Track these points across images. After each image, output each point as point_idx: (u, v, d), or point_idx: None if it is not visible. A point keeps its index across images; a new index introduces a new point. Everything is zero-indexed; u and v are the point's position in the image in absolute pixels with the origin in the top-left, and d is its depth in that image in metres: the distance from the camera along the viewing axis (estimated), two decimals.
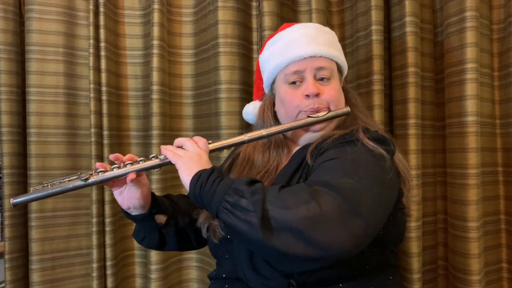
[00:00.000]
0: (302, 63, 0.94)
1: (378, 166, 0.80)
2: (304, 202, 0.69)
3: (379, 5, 1.47)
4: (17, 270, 1.58)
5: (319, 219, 0.68)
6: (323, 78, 0.95)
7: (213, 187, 0.76)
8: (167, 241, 1.04)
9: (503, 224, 1.54)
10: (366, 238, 0.73)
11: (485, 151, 1.48)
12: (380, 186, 0.78)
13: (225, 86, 1.51)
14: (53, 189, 0.86)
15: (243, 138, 0.92)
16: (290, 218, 0.68)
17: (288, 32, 1.00)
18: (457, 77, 1.43)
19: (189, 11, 1.67)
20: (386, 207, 0.80)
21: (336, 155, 0.82)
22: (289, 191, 0.74)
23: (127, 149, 1.66)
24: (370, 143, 0.83)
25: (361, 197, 0.72)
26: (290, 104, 0.95)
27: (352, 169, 0.77)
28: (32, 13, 1.56)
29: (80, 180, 0.86)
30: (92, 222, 1.54)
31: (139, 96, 1.67)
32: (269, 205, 0.70)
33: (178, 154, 0.85)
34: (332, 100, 0.94)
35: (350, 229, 0.69)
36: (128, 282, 1.67)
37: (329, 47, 0.97)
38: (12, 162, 1.56)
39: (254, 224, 0.69)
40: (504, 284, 1.54)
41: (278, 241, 0.68)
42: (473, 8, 1.39)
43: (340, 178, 0.74)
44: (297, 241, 0.68)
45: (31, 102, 1.57)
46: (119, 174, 0.88)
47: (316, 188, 0.72)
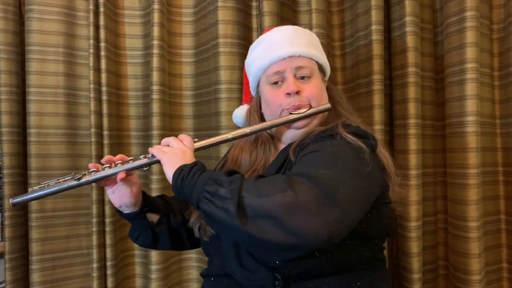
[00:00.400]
0: (282, 64, 0.97)
1: (357, 159, 0.82)
2: (280, 190, 0.71)
3: (379, 5, 1.47)
4: (17, 270, 1.58)
5: (294, 206, 0.69)
6: (303, 77, 0.98)
7: (193, 178, 0.79)
8: (160, 239, 1.06)
9: (503, 224, 1.54)
10: (343, 228, 0.73)
11: (485, 151, 1.48)
12: (358, 178, 0.80)
13: (225, 86, 1.51)
14: (49, 189, 0.90)
15: (228, 136, 0.95)
16: (265, 205, 0.70)
17: (268, 35, 1.04)
18: (457, 77, 1.43)
19: (189, 11, 1.67)
20: (366, 199, 0.81)
21: (316, 148, 0.84)
22: (266, 180, 0.76)
23: (127, 149, 1.66)
24: (349, 137, 0.86)
25: (338, 187, 0.74)
26: (273, 103, 0.98)
27: (331, 161, 0.79)
28: (32, 13, 1.56)
29: (73, 180, 0.90)
30: (92, 222, 1.54)
31: (139, 96, 1.67)
32: (245, 193, 0.72)
33: (163, 151, 0.89)
34: (313, 97, 0.97)
35: (325, 217, 0.70)
36: (128, 282, 1.67)
37: (307, 47, 1.00)
38: (12, 162, 1.56)
39: (230, 211, 0.71)
40: (504, 284, 1.54)
41: (253, 228, 0.70)
42: (473, 8, 1.39)
43: (318, 169, 0.76)
44: (273, 227, 0.69)
45: (31, 102, 1.57)
46: (110, 173, 0.92)
47: (293, 178, 0.74)
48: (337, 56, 1.65)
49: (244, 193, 0.72)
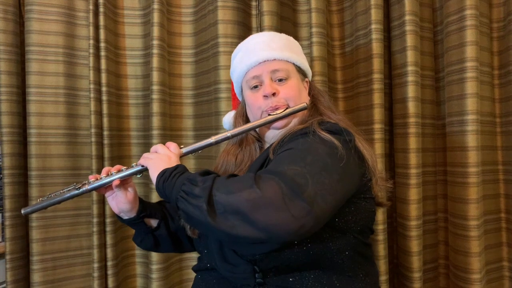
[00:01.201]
0: (259, 68, 1.02)
1: (328, 154, 0.83)
2: (247, 187, 0.74)
3: (379, 4, 1.47)
4: (18, 271, 1.58)
5: (260, 202, 0.72)
6: (281, 79, 1.01)
7: (173, 180, 0.84)
8: (161, 243, 1.11)
9: (503, 222, 1.54)
10: (311, 220, 0.74)
11: (485, 150, 1.48)
12: (329, 173, 0.80)
13: (225, 85, 1.52)
14: (55, 199, 1.01)
15: (211, 140, 0.99)
16: (233, 201, 0.74)
17: (245, 42, 1.09)
18: (457, 76, 1.43)
19: (189, 11, 1.67)
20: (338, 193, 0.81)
21: (289, 146, 0.87)
22: (236, 178, 0.80)
23: (127, 149, 1.66)
24: (322, 133, 0.88)
25: (305, 182, 0.76)
26: (253, 106, 1.03)
27: (300, 156, 0.82)
28: (32, 14, 1.56)
29: (75, 189, 1.00)
30: (93, 222, 1.55)
31: (139, 96, 1.67)
32: (215, 191, 0.76)
33: (149, 158, 0.95)
34: (289, 98, 1.01)
35: (291, 210, 0.72)
36: (129, 282, 1.67)
37: (282, 50, 1.03)
38: (12, 162, 1.56)
39: (202, 209, 0.75)
40: (505, 282, 1.54)
41: (224, 224, 0.74)
42: (472, 6, 1.39)
43: (287, 165, 0.79)
44: (241, 223, 0.73)
45: (31, 103, 1.57)
46: (105, 182, 0.99)
47: (261, 176, 0.77)
48: (336, 55, 1.65)
49: (214, 191, 0.76)
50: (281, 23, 1.55)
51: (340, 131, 0.91)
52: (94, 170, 1.53)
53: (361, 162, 0.91)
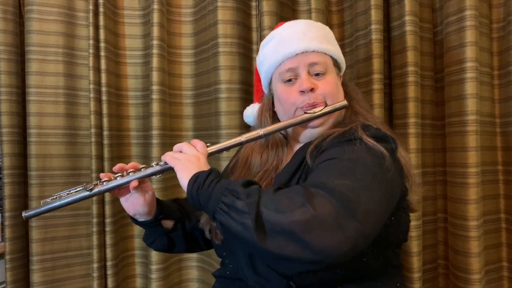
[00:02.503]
0: (295, 60, 0.94)
1: (377, 165, 0.78)
2: (298, 205, 0.69)
3: (379, 4, 1.47)
4: (17, 271, 1.58)
5: (313, 222, 0.67)
6: (318, 74, 0.94)
7: (209, 188, 0.77)
8: (176, 244, 1.05)
9: (503, 223, 1.54)
10: (363, 240, 0.71)
11: (485, 150, 1.48)
12: (378, 186, 0.76)
13: (225, 86, 1.51)
14: (61, 201, 0.90)
15: (241, 139, 0.92)
16: (284, 221, 0.68)
17: (279, 30, 0.99)
18: (456, 76, 1.43)
19: (189, 11, 1.67)
20: (386, 207, 0.78)
21: (334, 155, 0.81)
22: (284, 193, 0.73)
23: (127, 149, 1.66)
24: (369, 141, 0.82)
25: (357, 198, 0.71)
26: (286, 102, 0.95)
27: (350, 169, 0.76)
28: (31, 14, 1.56)
29: (86, 191, 0.89)
30: (93, 222, 1.55)
31: (139, 96, 1.67)
32: (263, 208, 0.70)
33: (176, 158, 0.86)
34: (328, 94, 0.93)
35: (345, 232, 0.68)
36: (129, 282, 1.67)
37: (320, 41, 0.95)
38: (12, 162, 1.56)
39: (248, 226, 0.69)
40: (505, 283, 1.54)
41: (272, 244, 0.69)
42: (472, 7, 1.39)
43: (336, 179, 0.73)
44: (292, 244, 0.68)
45: (31, 103, 1.57)
46: (122, 182, 0.90)
47: (311, 191, 0.71)
48: None
49: (262, 207, 0.70)
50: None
51: (386, 138, 0.85)
52: (94, 170, 1.53)
53: (401, 170, 0.86)
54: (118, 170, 0.93)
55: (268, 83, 1.02)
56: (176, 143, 1.62)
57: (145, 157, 1.64)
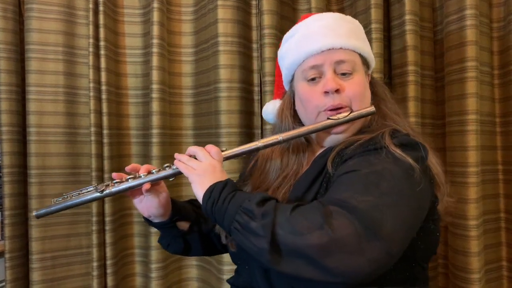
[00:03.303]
0: (320, 57, 0.86)
1: (405, 178, 0.72)
2: (316, 228, 0.65)
3: (379, 3, 1.46)
4: (17, 269, 1.58)
5: (332, 246, 0.63)
6: (344, 73, 0.86)
7: (224, 205, 0.74)
8: (192, 247, 1.02)
9: (503, 222, 1.54)
10: (389, 260, 0.67)
11: (485, 149, 1.48)
12: (406, 201, 0.70)
13: (225, 84, 1.51)
14: (72, 201, 0.89)
15: (258, 145, 0.87)
16: (301, 244, 0.65)
17: (303, 24, 0.92)
18: (457, 75, 1.43)
19: (189, 10, 1.67)
20: (414, 223, 0.72)
21: (357, 166, 0.75)
22: (301, 212, 0.69)
23: (127, 148, 1.66)
24: (397, 151, 0.75)
25: (382, 217, 0.66)
26: (308, 103, 0.88)
27: (374, 183, 0.70)
28: (31, 12, 1.56)
29: (96, 192, 0.88)
30: (92, 221, 1.54)
31: (139, 95, 1.67)
32: (279, 229, 0.67)
33: (191, 167, 0.82)
34: (355, 97, 0.86)
35: (368, 254, 0.64)
36: (128, 280, 1.67)
37: (349, 37, 0.87)
38: (12, 161, 1.56)
39: (263, 249, 0.67)
40: (504, 282, 1.54)
41: (288, 267, 0.67)
42: (472, 6, 1.39)
43: (359, 195, 0.68)
44: (310, 267, 0.65)
45: (31, 101, 1.57)
46: (134, 184, 0.88)
47: (331, 209, 0.67)
48: None
49: (277, 229, 0.67)
50: (281, 22, 1.54)
51: (416, 146, 0.78)
52: (93, 169, 1.53)
53: (432, 180, 0.80)
54: (130, 169, 0.90)
55: (290, 80, 0.96)
56: (176, 142, 1.65)
57: (145, 156, 1.64)
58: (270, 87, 1.48)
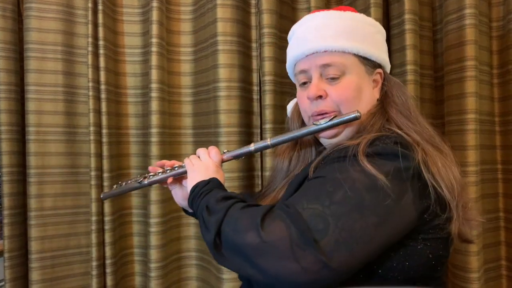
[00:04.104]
0: (306, 61, 0.85)
1: (368, 188, 0.67)
2: (252, 228, 0.66)
3: (378, 3, 1.46)
4: (16, 269, 1.58)
5: (263, 247, 0.64)
6: (333, 78, 0.83)
7: (198, 200, 0.80)
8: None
9: (502, 221, 1.54)
10: (331, 275, 0.62)
11: (484, 149, 1.48)
12: (363, 214, 0.65)
13: (224, 84, 1.51)
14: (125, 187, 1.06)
15: (249, 149, 0.92)
16: (237, 242, 0.67)
17: (297, 25, 0.90)
18: (456, 75, 1.43)
19: (188, 9, 1.67)
20: (374, 240, 0.66)
21: (324, 173, 0.73)
22: (248, 212, 0.70)
23: (126, 147, 1.66)
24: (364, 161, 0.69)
25: (324, 226, 0.63)
26: (301, 107, 0.89)
27: (328, 192, 0.67)
28: (30, 11, 1.56)
29: (136, 183, 1.03)
30: (92, 220, 1.54)
31: (138, 94, 1.67)
32: (225, 226, 0.70)
33: (191, 164, 0.91)
34: (341, 101, 0.82)
35: (301, 262, 0.62)
36: (128, 280, 1.67)
37: (335, 38, 0.82)
38: (11, 160, 1.56)
39: (209, 242, 0.72)
40: (503, 282, 1.54)
41: (227, 262, 0.70)
42: (472, 5, 1.39)
43: (307, 202, 0.66)
44: (249, 266, 0.66)
45: (30, 100, 1.56)
46: (160, 178, 1.00)
47: (274, 212, 0.67)
48: None
49: (224, 226, 0.70)
50: (281, 22, 1.54)
51: (393, 156, 0.70)
52: (92, 168, 1.53)
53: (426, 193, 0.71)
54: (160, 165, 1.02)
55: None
56: (175, 141, 1.65)
57: (144, 155, 1.64)
58: (269, 87, 1.48)
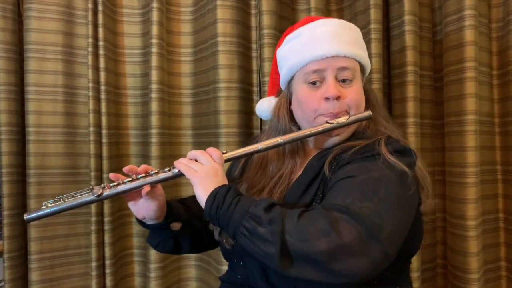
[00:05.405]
0: (324, 62, 0.88)
1: (399, 184, 0.77)
2: (324, 234, 0.68)
3: (378, 4, 1.47)
4: (16, 269, 1.57)
5: (339, 250, 0.67)
6: (345, 80, 0.89)
7: (230, 209, 0.75)
8: (182, 246, 1.03)
9: (501, 222, 1.55)
10: (387, 261, 0.72)
11: (483, 150, 1.48)
12: (401, 206, 0.76)
13: (224, 84, 1.51)
14: (66, 205, 0.85)
15: (259, 147, 0.89)
16: (310, 250, 0.68)
17: (309, 28, 0.93)
18: (456, 76, 1.43)
19: (188, 10, 1.67)
20: (406, 225, 0.78)
21: (355, 172, 0.78)
22: (308, 219, 0.72)
23: (126, 148, 1.66)
24: (392, 159, 0.80)
25: (381, 221, 0.71)
26: (308, 106, 0.90)
27: (372, 189, 0.75)
28: (30, 12, 1.56)
29: (93, 196, 0.85)
30: (91, 221, 1.54)
31: (138, 95, 1.67)
32: (288, 236, 0.70)
33: (193, 169, 0.83)
34: (353, 104, 0.89)
35: (370, 256, 0.69)
36: (127, 281, 1.67)
37: (353, 45, 0.91)
38: (11, 161, 1.56)
39: (272, 254, 0.69)
40: (503, 282, 1.54)
41: (297, 272, 0.69)
42: (472, 6, 1.39)
43: (360, 201, 0.72)
44: (318, 271, 0.68)
45: (30, 101, 1.56)
46: (133, 187, 0.86)
47: (335, 216, 0.70)
48: None
49: (287, 236, 0.69)
50: (281, 22, 1.54)
51: (408, 153, 0.83)
52: (92, 169, 1.53)
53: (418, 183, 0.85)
54: (128, 171, 0.89)
55: (288, 80, 0.96)
56: (175, 142, 1.65)
57: (144, 156, 1.64)
58: None
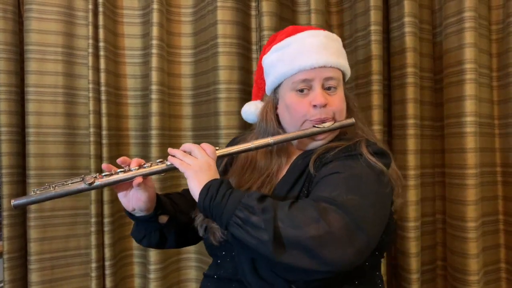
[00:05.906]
0: (312, 72, 0.94)
1: (378, 182, 0.85)
2: (313, 221, 0.73)
3: (378, 6, 1.47)
4: (15, 270, 1.57)
5: (327, 237, 0.73)
6: (330, 88, 0.96)
7: (223, 200, 0.79)
8: (168, 239, 1.04)
9: (501, 224, 1.55)
10: (368, 251, 0.78)
11: (483, 151, 1.48)
12: (380, 201, 0.84)
13: (224, 86, 1.51)
14: (55, 192, 0.85)
15: (250, 146, 0.94)
16: (301, 236, 0.73)
17: (297, 39, 0.99)
18: (455, 78, 1.44)
19: (188, 11, 1.67)
20: (384, 219, 0.86)
21: (339, 169, 0.85)
22: (298, 208, 0.77)
23: (126, 149, 1.66)
24: (372, 159, 0.87)
25: (365, 214, 0.77)
26: (296, 112, 0.95)
27: (355, 185, 0.82)
28: (31, 13, 1.56)
29: (84, 184, 0.85)
30: (91, 222, 1.54)
31: (138, 96, 1.67)
32: (280, 223, 0.74)
33: (187, 163, 0.87)
34: (338, 110, 0.96)
35: (355, 245, 0.74)
36: (127, 282, 1.67)
37: (338, 56, 0.98)
38: (11, 161, 1.56)
39: (265, 241, 0.73)
40: (503, 284, 1.55)
41: (288, 257, 0.74)
42: (471, 8, 1.39)
43: (345, 194, 0.78)
44: (307, 257, 0.73)
45: (30, 102, 1.56)
46: (125, 178, 0.88)
47: (323, 206, 0.76)
48: None
49: (279, 223, 0.74)
50: (281, 24, 1.55)
51: (386, 154, 0.91)
52: (92, 170, 1.53)
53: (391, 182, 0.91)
54: (121, 162, 0.91)
55: (275, 87, 1.01)
56: (175, 143, 1.65)
57: (144, 157, 1.62)
58: None
